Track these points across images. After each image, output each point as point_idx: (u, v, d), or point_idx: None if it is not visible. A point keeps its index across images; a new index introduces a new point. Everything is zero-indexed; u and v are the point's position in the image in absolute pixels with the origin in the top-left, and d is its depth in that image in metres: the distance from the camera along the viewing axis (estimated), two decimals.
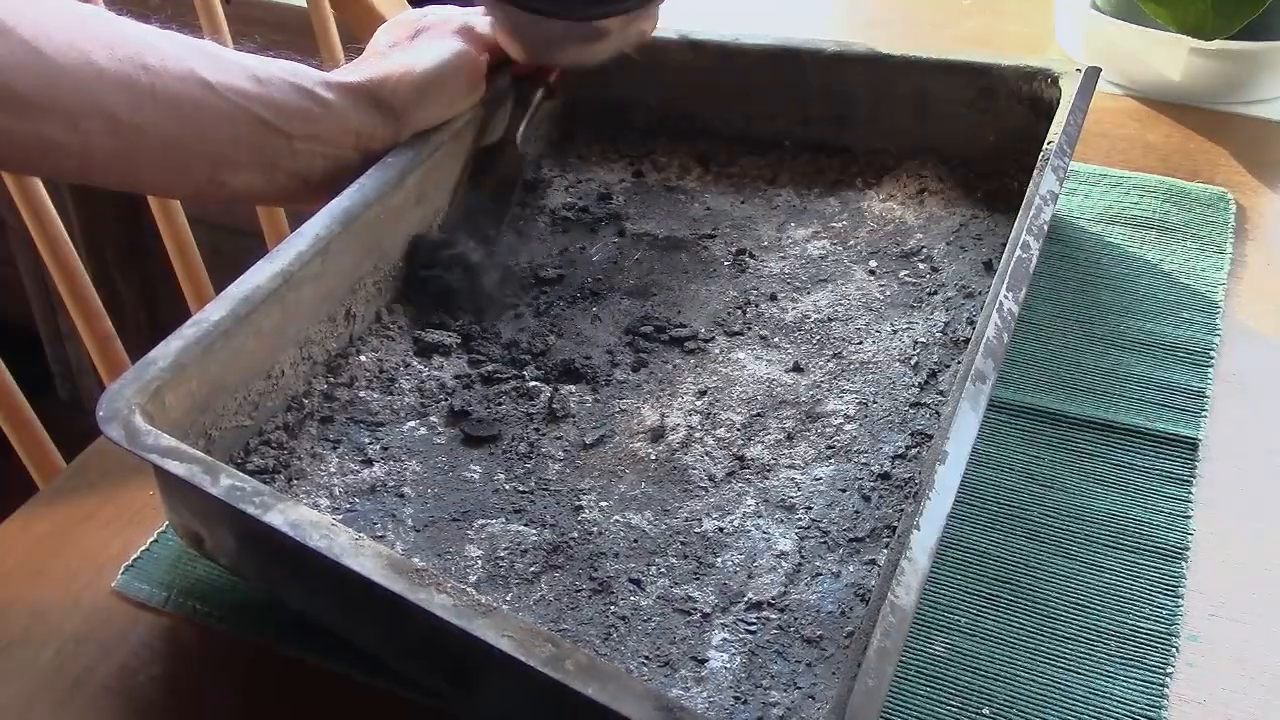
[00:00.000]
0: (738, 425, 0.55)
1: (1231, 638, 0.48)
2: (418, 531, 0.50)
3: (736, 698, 0.43)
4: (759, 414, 0.56)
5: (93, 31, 0.53)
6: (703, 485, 0.52)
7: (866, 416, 0.55)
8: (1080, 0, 0.87)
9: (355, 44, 0.90)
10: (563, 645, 0.37)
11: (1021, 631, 0.47)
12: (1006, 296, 0.50)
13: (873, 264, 0.65)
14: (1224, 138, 0.78)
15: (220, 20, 0.89)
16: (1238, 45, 0.80)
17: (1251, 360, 0.60)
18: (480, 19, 0.66)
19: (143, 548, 0.52)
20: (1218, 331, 0.61)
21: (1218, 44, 0.79)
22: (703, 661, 0.45)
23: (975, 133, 0.70)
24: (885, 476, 0.52)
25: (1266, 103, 0.83)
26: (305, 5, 0.97)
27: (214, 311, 0.50)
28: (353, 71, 0.61)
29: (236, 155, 0.57)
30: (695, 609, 0.47)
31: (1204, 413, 0.57)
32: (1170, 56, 0.82)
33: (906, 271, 0.64)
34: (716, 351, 0.60)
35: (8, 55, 0.50)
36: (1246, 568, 0.50)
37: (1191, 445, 0.55)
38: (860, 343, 0.59)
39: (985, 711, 0.44)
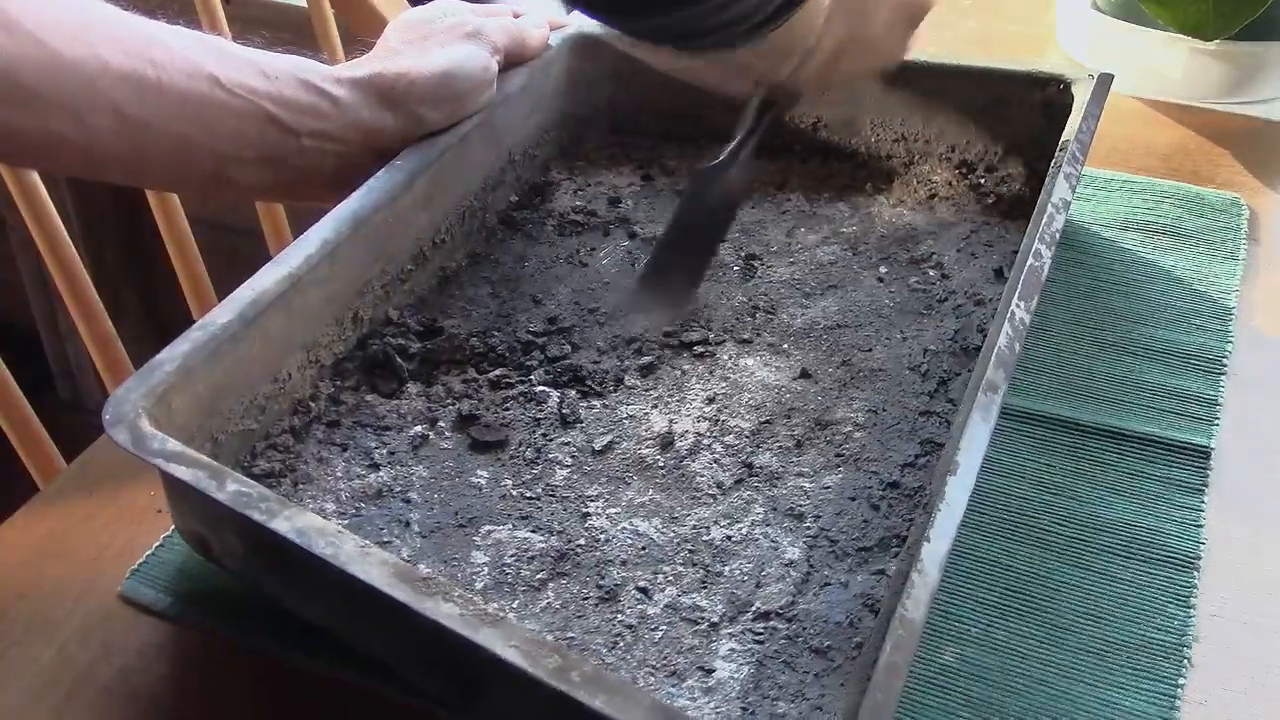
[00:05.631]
0: (746, 432, 0.55)
1: (1234, 639, 0.47)
2: (424, 537, 0.50)
3: (744, 708, 0.43)
4: (768, 421, 0.55)
5: (99, 26, 0.53)
6: (711, 493, 0.52)
7: (876, 424, 0.55)
8: (1081, 0, 0.87)
9: (361, 40, 0.89)
10: (569, 656, 0.37)
11: (1032, 642, 0.47)
12: (1018, 306, 0.50)
13: (882, 270, 0.65)
14: (1225, 138, 0.78)
15: (221, 19, 0.89)
16: (1238, 45, 0.80)
17: (1265, 366, 0.60)
18: (492, 22, 0.65)
19: (148, 551, 0.52)
20: (1231, 338, 0.61)
21: (1218, 44, 0.79)
22: (710, 671, 0.44)
23: (986, 138, 0.69)
24: (894, 485, 0.51)
25: (1267, 103, 0.83)
26: (305, 5, 0.97)
27: (221, 315, 0.50)
28: (363, 66, 0.61)
29: (244, 152, 0.57)
30: (703, 618, 0.46)
31: (1216, 421, 0.56)
32: (1171, 56, 0.82)
33: (916, 278, 0.64)
34: (725, 357, 0.59)
35: (14, 49, 0.50)
36: (1248, 568, 0.50)
37: (1204, 454, 0.54)
38: (870, 350, 0.59)
39: None
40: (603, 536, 0.50)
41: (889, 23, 0.60)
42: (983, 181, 0.70)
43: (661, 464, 0.53)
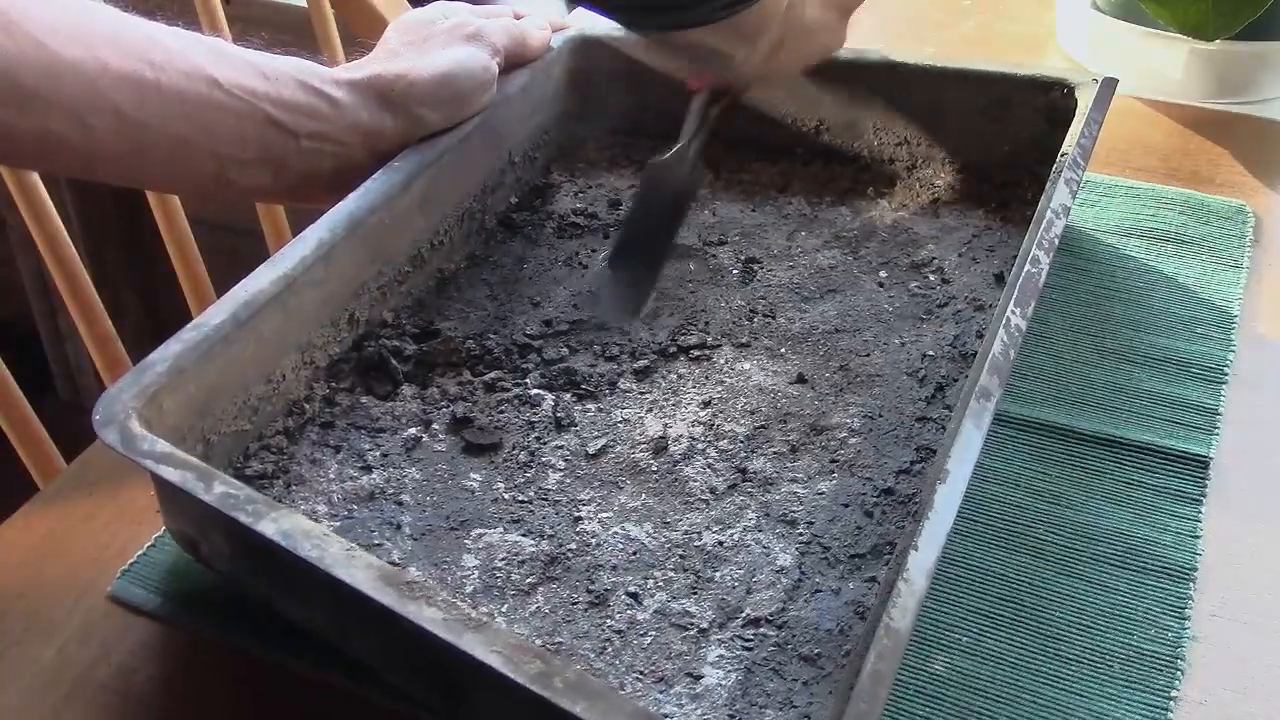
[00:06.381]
0: (741, 437, 0.54)
1: (1233, 639, 0.47)
2: (415, 540, 0.50)
3: (731, 716, 0.43)
4: (763, 426, 0.55)
5: (98, 27, 0.53)
6: (703, 498, 0.52)
7: (872, 430, 0.54)
8: (1081, 0, 0.87)
9: (360, 41, 0.89)
10: (551, 662, 0.37)
11: (1024, 652, 0.47)
12: (1014, 312, 0.49)
13: (883, 274, 0.64)
14: (1225, 138, 0.78)
15: (221, 20, 0.89)
16: (1238, 45, 0.80)
17: (1268, 372, 0.59)
18: (493, 23, 0.65)
19: (139, 552, 0.52)
20: (1232, 347, 0.60)
21: (1218, 44, 0.79)
22: (698, 678, 0.44)
23: (989, 142, 0.69)
24: (889, 492, 0.51)
25: (1267, 103, 0.82)
26: (305, 5, 0.97)
27: (214, 315, 0.50)
28: (362, 68, 0.61)
29: (243, 153, 0.57)
30: (692, 624, 0.46)
31: (1215, 430, 0.56)
32: (1171, 56, 0.82)
33: (917, 283, 0.63)
34: (722, 361, 0.59)
35: (14, 49, 0.50)
36: (1248, 569, 0.50)
37: (1202, 463, 0.54)
38: (868, 355, 0.59)
39: None
40: (594, 541, 0.50)
41: (822, 13, 0.60)
42: (985, 185, 0.69)
43: (655, 468, 0.53)
